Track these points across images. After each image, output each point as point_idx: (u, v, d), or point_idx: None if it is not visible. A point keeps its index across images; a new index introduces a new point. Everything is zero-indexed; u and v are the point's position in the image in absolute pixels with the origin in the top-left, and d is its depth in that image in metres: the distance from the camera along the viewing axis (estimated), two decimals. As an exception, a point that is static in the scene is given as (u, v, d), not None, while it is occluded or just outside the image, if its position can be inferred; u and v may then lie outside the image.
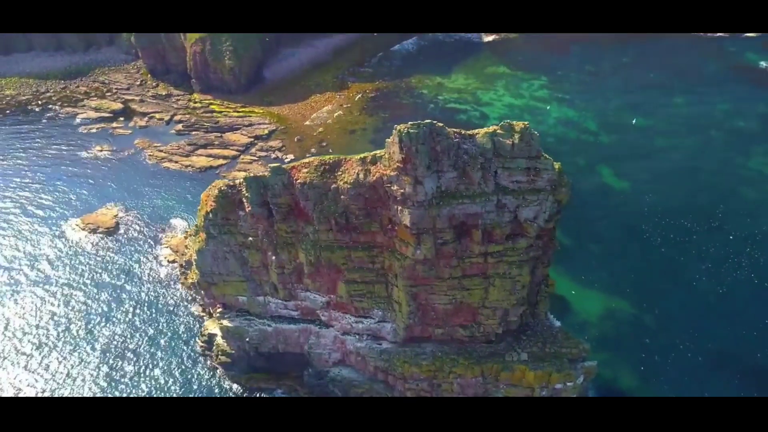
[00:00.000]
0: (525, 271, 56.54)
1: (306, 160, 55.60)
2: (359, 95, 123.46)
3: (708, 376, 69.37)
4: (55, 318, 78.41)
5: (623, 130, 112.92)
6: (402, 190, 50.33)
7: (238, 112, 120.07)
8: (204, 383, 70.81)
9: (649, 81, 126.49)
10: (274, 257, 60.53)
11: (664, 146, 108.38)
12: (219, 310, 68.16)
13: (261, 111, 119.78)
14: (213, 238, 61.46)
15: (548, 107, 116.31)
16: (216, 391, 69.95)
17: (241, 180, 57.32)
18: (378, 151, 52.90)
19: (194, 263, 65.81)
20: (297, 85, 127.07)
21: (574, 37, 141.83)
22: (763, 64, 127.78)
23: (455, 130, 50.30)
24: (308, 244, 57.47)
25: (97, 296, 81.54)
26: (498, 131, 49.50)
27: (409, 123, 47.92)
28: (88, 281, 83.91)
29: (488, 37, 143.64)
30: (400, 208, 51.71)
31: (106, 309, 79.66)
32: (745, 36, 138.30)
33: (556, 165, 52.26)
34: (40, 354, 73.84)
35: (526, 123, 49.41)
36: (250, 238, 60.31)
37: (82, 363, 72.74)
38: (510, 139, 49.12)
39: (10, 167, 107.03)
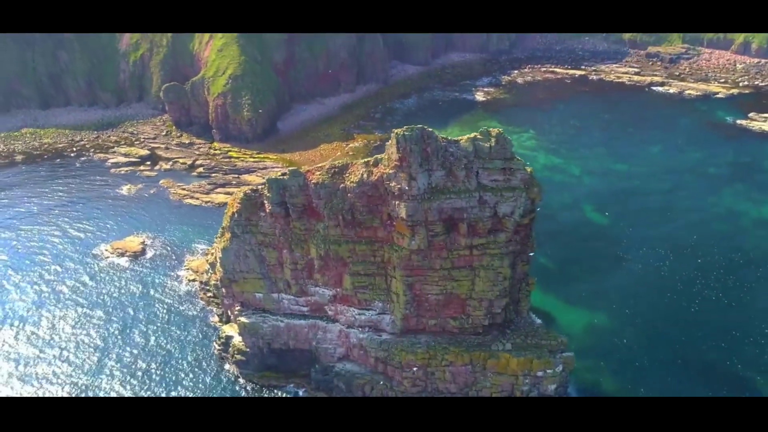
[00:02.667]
0: (506, 263, 65.35)
1: (319, 164, 66.01)
2: (364, 144, 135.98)
3: (682, 379, 76.02)
4: (84, 326, 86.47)
5: (604, 174, 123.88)
6: (399, 186, 60.16)
7: (254, 157, 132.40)
8: (220, 381, 77.76)
9: (628, 133, 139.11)
10: (288, 254, 69.68)
11: (642, 187, 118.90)
12: (237, 308, 76.39)
13: (275, 157, 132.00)
14: (236, 237, 70.78)
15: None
16: (233, 388, 76.81)
17: (264, 184, 67.41)
18: (379, 155, 63.24)
19: (218, 262, 74.74)
20: (308, 135, 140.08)
21: (559, 95, 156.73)
22: (729, 119, 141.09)
23: (443, 136, 60.90)
24: (319, 239, 66.77)
25: (123, 308, 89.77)
26: (477, 136, 60.02)
27: (404, 126, 58.58)
28: (116, 295, 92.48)
29: (481, 97, 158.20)
30: (397, 202, 61.29)
31: (131, 319, 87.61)
32: (715, 96, 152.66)
33: (528, 168, 62.57)
34: (70, 356, 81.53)
35: (500, 129, 60.00)
36: (269, 237, 69.71)
37: (106, 367, 79.95)
38: (488, 143, 59.56)
39: (48, 200, 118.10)
